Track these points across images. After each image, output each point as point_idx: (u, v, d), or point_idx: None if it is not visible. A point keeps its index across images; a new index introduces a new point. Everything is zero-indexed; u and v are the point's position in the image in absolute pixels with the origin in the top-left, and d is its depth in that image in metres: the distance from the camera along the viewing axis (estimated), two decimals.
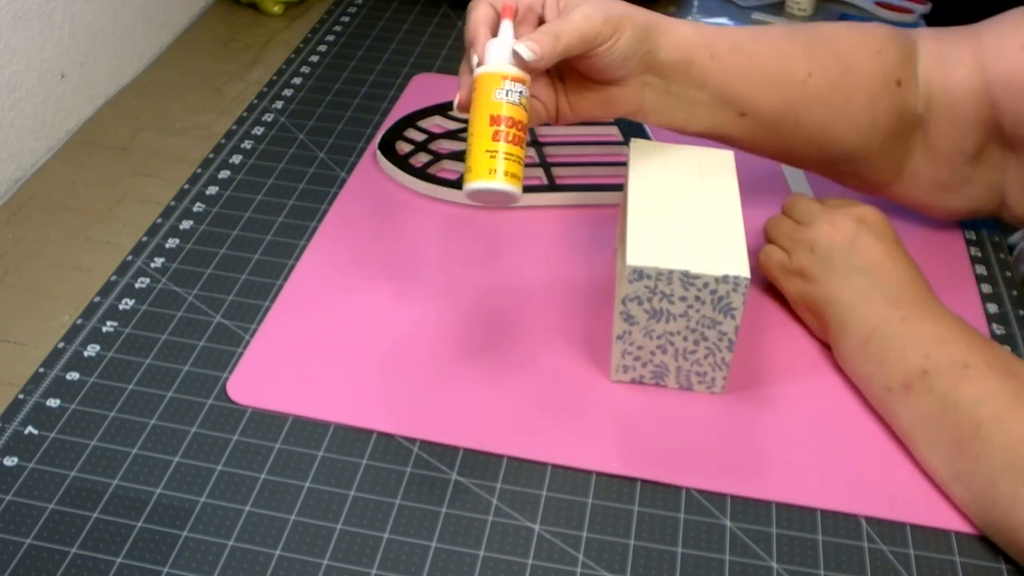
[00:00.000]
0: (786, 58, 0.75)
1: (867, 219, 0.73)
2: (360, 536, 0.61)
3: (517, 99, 0.65)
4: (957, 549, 0.62)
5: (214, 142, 0.93)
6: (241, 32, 1.12)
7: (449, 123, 0.95)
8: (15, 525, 0.60)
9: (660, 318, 0.68)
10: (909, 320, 0.68)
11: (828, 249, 0.73)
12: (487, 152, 0.64)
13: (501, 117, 0.65)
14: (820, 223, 0.74)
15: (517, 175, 0.64)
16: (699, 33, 0.73)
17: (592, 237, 0.84)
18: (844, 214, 0.74)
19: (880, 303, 0.70)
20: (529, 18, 0.69)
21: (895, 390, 0.67)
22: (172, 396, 0.69)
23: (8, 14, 0.86)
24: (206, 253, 0.81)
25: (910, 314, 0.69)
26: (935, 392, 0.65)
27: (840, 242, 0.73)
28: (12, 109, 0.88)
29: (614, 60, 0.68)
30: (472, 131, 0.65)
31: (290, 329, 0.74)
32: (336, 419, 0.68)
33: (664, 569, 0.61)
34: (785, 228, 0.77)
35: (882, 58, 0.76)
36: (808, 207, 0.76)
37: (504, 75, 0.66)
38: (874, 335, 0.69)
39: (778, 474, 0.66)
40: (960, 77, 0.76)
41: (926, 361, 0.66)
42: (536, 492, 0.64)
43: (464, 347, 0.73)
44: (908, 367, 0.66)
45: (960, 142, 0.78)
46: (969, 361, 0.65)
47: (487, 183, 0.64)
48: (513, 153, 0.64)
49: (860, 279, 0.71)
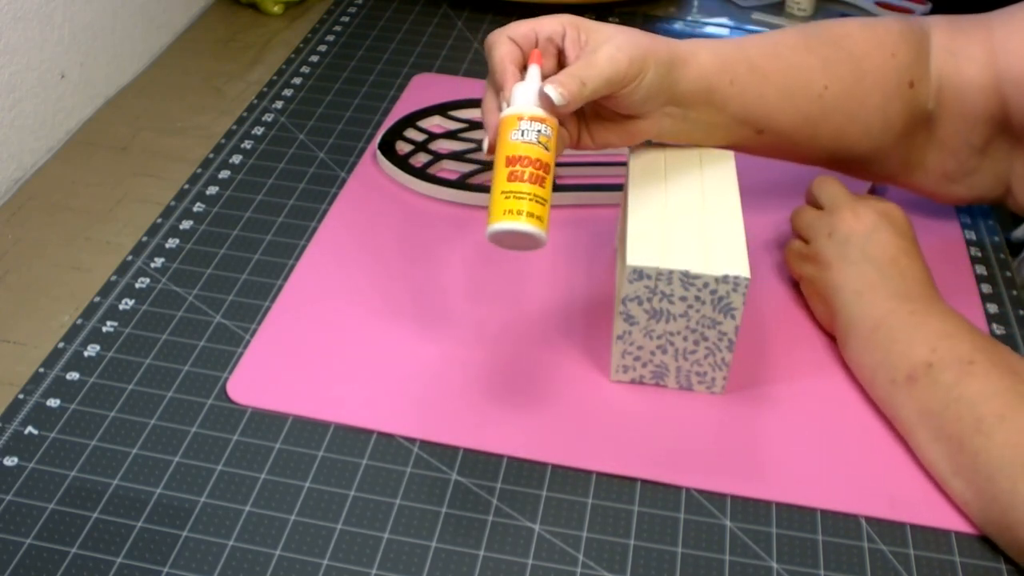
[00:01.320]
0: (802, 72, 0.75)
1: (890, 214, 0.74)
2: (360, 536, 0.61)
3: (535, 138, 0.63)
4: (957, 549, 0.62)
5: (214, 142, 0.93)
6: (241, 32, 1.12)
7: (449, 123, 0.95)
8: (15, 525, 0.60)
9: (660, 318, 0.68)
10: (918, 314, 0.69)
11: (846, 237, 0.73)
12: (502, 193, 0.62)
13: (517, 157, 0.63)
14: (843, 211, 0.74)
15: (536, 215, 0.61)
16: (719, 59, 0.73)
17: (592, 237, 0.84)
18: (868, 206, 0.74)
19: (889, 295, 0.70)
20: (549, 50, 0.69)
21: (899, 382, 0.67)
22: (172, 396, 0.69)
23: (8, 14, 0.86)
24: (206, 253, 0.81)
25: (919, 308, 0.69)
26: (939, 386, 0.65)
27: (860, 232, 0.73)
28: (12, 109, 0.88)
29: (637, 100, 0.69)
30: (492, 175, 0.64)
31: (290, 329, 0.74)
32: (336, 419, 0.68)
33: (664, 569, 0.61)
34: (808, 217, 0.77)
35: (896, 60, 0.76)
36: (834, 192, 0.77)
37: (520, 116, 0.64)
38: (881, 325, 0.69)
39: (778, 474, 0.66)
40: (971, 74, 0.77)
41: (932, 354, 0.66)
42: (536, 492, 0.64)
43: (464, 347, 0.73)
44: (913, 359, 0.67)
45: (968, 136, 0.78)
46: (974, 358, 0.65)
47: (503, 224, 0.61)
48: (531, 193, 0.62)
49: (872, 270, 0.71)
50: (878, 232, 0.73)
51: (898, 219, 0.74)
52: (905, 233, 0.74)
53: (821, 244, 0.75)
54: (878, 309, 0.70)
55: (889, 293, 0.70)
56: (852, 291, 0.72)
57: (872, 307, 0.70)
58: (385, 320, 0.75)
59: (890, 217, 0.74)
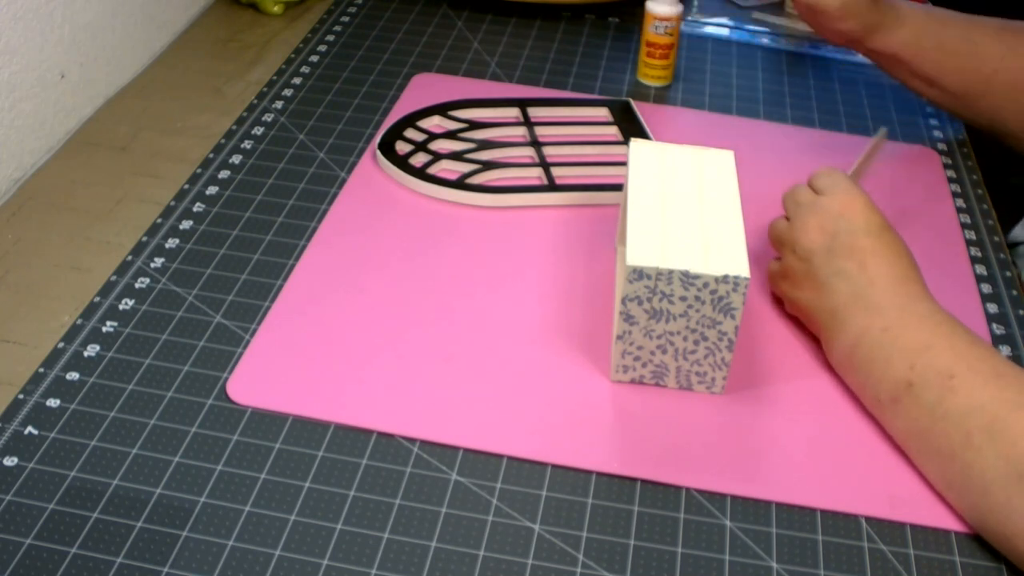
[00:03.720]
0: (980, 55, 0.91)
1: (847, 212, 0.71)
2: (360, 536, 0.61)
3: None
4: (957, 549, 0.62)
5: (214, 142, 0.93)
6: (241, 32, 1.12)
7: (449, 123, 0.95)
8: (15, 525, 0.60)
9: (660, 318, 0.68)
10: (892, 330, 0.67)
11: (808, 252, 0.72)
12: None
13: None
14: (805, 218, 0.73)
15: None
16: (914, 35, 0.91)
17: (592, 237, 0.84)
18: (824, 210, 0.72)
19: (860, 310, 0.69)
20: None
21: (884, 402, 0.67)
22: (172, 396, 0.69)
23: (8, 14, 0.86)
24: (206, 253, 0.81)
25: (893, 322, 0.68)
26: (922, 405, 0.64)
27: (820, 244, 0.71)
28: (12, 109, 0.88)
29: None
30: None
31: (290, 329, 0.74)
32: (336, 419, 0.68)
33: (664, 569, 0.61)
34: (778, 230, 0.77)
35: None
36: (796, 199, 0.75)
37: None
38: (859, 346, 0.69)
39: (778, 474, 0.66)
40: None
41: (910, 372, 0.65)
42: (536, 492, 0.64)
43: (464, 347, 0.73)
44: (893, 379, 0.66)
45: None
46: (954, 370, 0.64)
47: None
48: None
49: (841, 285, 0.70)
50: (838, 239, 0.71)
51: (858, 212, 0.71)
52: (869, 226, 0.71)
53: (789, 260, 0.74)
54: (853, 328, 0.69)
55: (860, 308, 0.69)
56: (825, 311, 0.71)
57: (846, 325, 0.70)
58: (385, 320, 0.75)
59: (847, 215, 0.71)
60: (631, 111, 0.98)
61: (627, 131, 0.95)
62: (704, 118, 1.01)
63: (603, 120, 0.98)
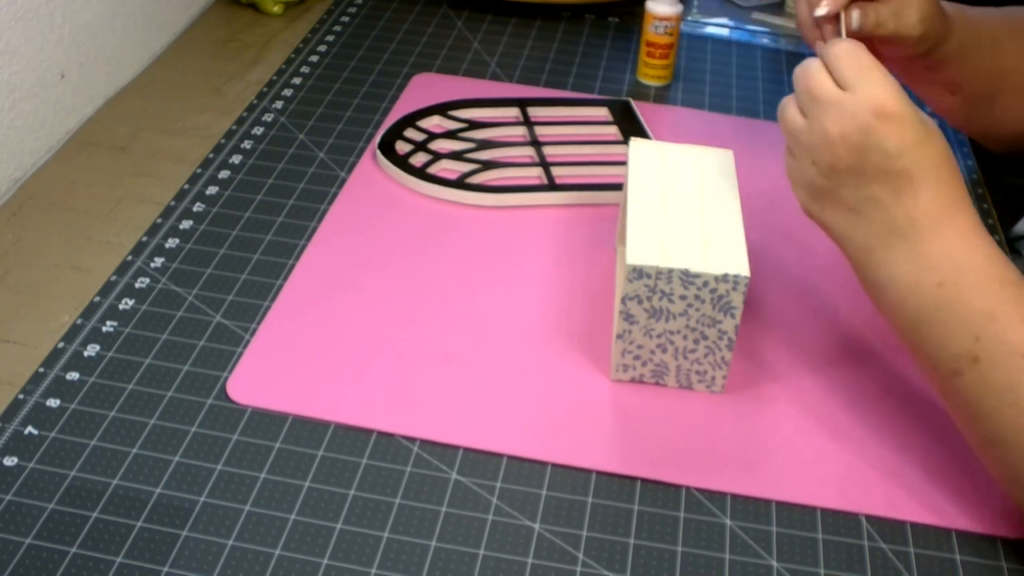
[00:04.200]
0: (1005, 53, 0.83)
1: (879, 122, 0.58)
2: (360, 536, 0.61)
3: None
4: (957, 547, 0.62)
5: (214, 142, 0.93)
6: (241, 32, 1.12)
7: (449, 123, 0.95)
8: (15, 525, 0.60)
9: (660, 317, 0.68)
10: (947, 286, 0.58)
11: (831, 169, 0.60)
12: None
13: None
14: (825, 123, 0.60)
15: None
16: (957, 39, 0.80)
17: (592, 237, 0.84)
18: (849, 117, 0.59)
19: (903, 257, 0.59)
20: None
21: (943, 373, 0.59)
22: (172, 396, 0.69)
23: (8, 14, 0.86)
24: (206, 253, 0.81)
25: (947, 277, 0.58)
26: (991, 386, 0.57)
27: (846, 162, 0.59)
28: (12, 109, 0.88)
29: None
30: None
31: (290, 329, 0.74)
32: (336, 418, 0.68)
33: (664, 568, 0.61)
34: (790, 123, 0.64)
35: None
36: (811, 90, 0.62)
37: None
38: (906, 302, 0.60)
39: (778, 473, 0.66)
40: None
41: (976, 345, 0.57)
42: (536, 491, 0.64)
43: (464, 347, 0.73)
44: (955, 350, 0.58)
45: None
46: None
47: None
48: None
49: (876, 214, 0.60)
50: (868, 159, 0.58)
51: (895, 123, 0.58)
52: (907, 144, 0.58)
53: (806, 170, 0.62)
54: (897, 276, 0.59)
55: (901, 250, 0.59)
56: (856, 244, 0.61)
57: (886, 269, 0.60)
58: (385, 320, 0.75)
59: (884, 125, 0.58)
60: (631, 111, 0.98)
61: (627, 131, 0.95)
62: (704, 118, 1.01)
63: (603, 120, 0.98)
